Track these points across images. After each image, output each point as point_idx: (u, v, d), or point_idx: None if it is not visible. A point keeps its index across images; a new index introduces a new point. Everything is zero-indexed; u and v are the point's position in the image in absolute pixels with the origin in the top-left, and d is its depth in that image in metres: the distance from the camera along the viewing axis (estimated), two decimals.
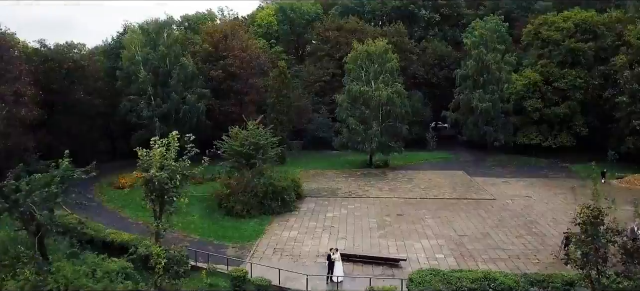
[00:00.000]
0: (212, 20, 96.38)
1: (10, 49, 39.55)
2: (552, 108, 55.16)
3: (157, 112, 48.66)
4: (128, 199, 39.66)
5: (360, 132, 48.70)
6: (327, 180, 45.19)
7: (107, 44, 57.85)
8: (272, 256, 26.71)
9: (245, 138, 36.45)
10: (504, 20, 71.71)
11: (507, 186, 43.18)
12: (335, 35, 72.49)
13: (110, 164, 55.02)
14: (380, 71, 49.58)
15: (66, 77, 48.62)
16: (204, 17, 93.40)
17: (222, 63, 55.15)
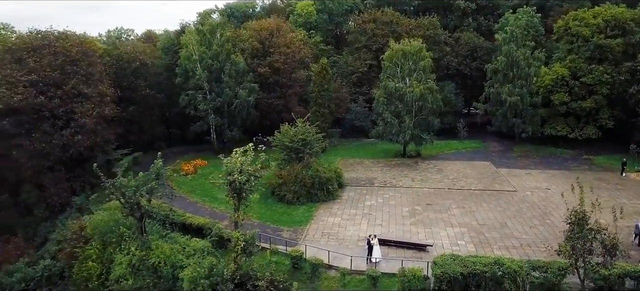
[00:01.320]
0: (254, 9, 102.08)
1: (92, 52, 46.09)
2: (579, 102, 58.34)
3: (212, 106, 54.95)
4: (193, 185, 46.26)
5: (394, 124, 53.67)
6: (365, 170, 50.66)
7: (167, 40, 64.30)
8: (320, 239, 32.61)
9: (294, 134, 42.16)
10: (538, 10, 74.76)
11: (529, 178, 47.58)
12: (372, 27, 76.67)
13: (168, 150, 62.24)
14: (415, 69, 54.06)
15: (133, 74, 55.32)
16: (246, 6, 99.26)
17: (269, 59, 60.82)
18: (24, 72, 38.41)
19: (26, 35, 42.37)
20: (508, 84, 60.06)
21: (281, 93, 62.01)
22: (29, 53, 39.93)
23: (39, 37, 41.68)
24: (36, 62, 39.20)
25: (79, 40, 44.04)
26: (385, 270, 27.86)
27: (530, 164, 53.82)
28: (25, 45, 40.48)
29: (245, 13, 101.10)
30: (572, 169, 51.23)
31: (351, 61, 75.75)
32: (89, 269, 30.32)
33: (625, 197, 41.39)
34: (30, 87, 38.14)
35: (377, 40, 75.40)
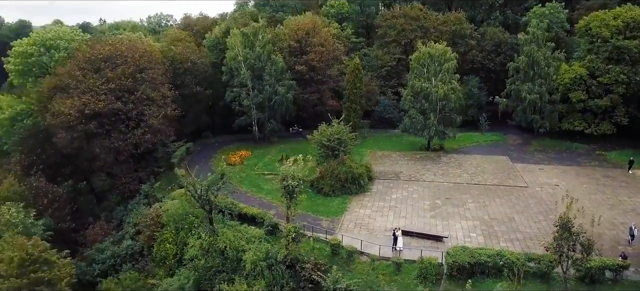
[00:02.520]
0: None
1: (155, 59, 53.15)
2: (596, 100, 62.67)
3: (254, 102, 61.76)
4: (241, 175, 53.39)
5: (420, 120, 59.44)
6: (392, 163, 56.89)
7: (212, 40, 71.01)
8: (353, 229, 39.30)
9: (331, 134, 48.59)
10: (565, 4, 78.42)
11: (541, 173, 52.95)
12: (401, 22, 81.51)
13: (214, 139, 69.76)
14: (440, 70, 59.38)
15: (184, 73, 62.40)
16: None
17: (305, 58, 66.94)
18: (103, 81, 45.76)
19: (100, 45, 49.64)
20: (528, 83, 64.69)
21: (316, 89, 68.20)
22: (106, 63, 47.27)
23: (111, 47, 48.88)
24: (112, 72, 46.51)
25: (144, 49, 51.05)
26: (408, 257, 34.40)
27: (545, 159, 58.99)
28: (102, 55, 47.75)
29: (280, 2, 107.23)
30: (583, 165, 56.24)
31: (381, 55, 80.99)
32: (166, 250, 37.88)
33: (627, 194, 46.51)
34: (109, 94, 45.51)
35: (405, 35, 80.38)
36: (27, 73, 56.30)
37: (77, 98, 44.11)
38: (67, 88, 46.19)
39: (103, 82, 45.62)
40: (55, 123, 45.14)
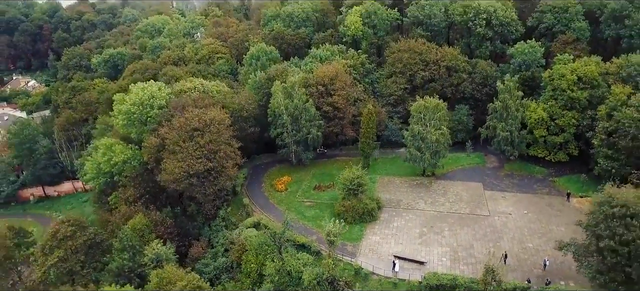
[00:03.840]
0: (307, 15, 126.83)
1: (226, 123, 75.12)
2: (553, 136, 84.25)
3: (293, 139, 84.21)
4: (287, 202, 76.68)
5: (417, 155, 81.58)
6: (395, 189, 79.73)
7: (257, 82, 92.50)
8: (368, 253, 62.72)
9: (352, 179, 71.11)
10: (543, 36, 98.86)
11: (502, 201, 75.42)
12: (406, 56, 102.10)
13: (260, 161, 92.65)
14: (433, 117, 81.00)
15: (241, 119, 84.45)
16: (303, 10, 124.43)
17: (330, 100, 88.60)
18: (197, 148, 68.22)
19: (189, 118, 71.50)
20: (502, 122, 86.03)
21: (338, 123, 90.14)
22: (196, 131, 69.55)
23: (198, 120, 70.80)
24: (202, 139, 68.86)
25: (221, 118, 72.95)
26: (402, 277, 57.79)
27: (510, 185, 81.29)
28: (192, 126, 69.92)
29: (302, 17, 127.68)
30: (536, 192, 78.51)
31: (389, 83, 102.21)
32: (250, 267, 61.57)
33: (556, 223, 69.04)
34: (202, 157, 68.03)
35: (410, 67, 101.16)
36: (129, 125, 78.88)
37: (182, 161, 66.78)
38: (172, 151, 68.80)
39: (197, 148, 68.08)
40: (167, 179, 68.14)
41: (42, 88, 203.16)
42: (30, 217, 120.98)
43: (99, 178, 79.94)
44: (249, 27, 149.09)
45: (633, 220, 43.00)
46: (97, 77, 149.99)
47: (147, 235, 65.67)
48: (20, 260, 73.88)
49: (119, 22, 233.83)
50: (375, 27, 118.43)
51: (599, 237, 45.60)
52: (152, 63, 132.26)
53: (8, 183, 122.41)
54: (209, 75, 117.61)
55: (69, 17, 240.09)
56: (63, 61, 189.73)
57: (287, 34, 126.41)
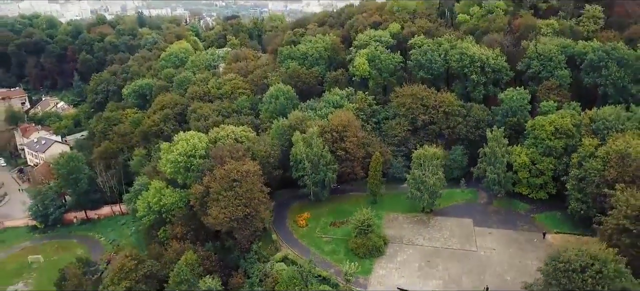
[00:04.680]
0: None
1: (256, 167, 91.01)
2: (534, 178, 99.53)
3: (311, 181, 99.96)
4: (309, 237, 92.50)
5: (418, 195, 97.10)
6: (399, 226, 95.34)
7: (277, 130, 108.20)
8: (377, 285, 78.47)
9: (363, 221, 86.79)
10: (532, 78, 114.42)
11: (488, 237, 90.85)
12: (408, 101, 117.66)
13: (281, 197, 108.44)
14: (431, 164, 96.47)
15: (268, 164, 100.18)
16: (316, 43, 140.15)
17: (343, 145, 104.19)
18: (236, 196, 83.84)
19: (228, 170, 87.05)
20: (491, 165, 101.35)
21: (350, 165, 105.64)
22: (235, 183, 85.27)
23: (237, 172, 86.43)
24: (240, 189, 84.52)
25: (254, 170, 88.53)
26: None
27: (496, 221, 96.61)
28: (231, 177, 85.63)
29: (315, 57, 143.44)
30: (518, 229, 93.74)
31: (394, 125, 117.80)
32: None
33: (531, 258, 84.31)
34: (241, 205, 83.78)
35: (412, 111, 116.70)
36: (176, 173, 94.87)
37: (225, 208, 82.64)
38: (215, 198, 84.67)
39: (236, 197, 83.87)
40: (213, 222, 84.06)
41: (70, 110, 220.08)
42: (75, 238, 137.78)
43: (149, 215, 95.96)
44: (266, 62, 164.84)
45: (573, 274, 58.45)
46: (127, 107, 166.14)
47: (196, 268, 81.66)
48: (87, 288, 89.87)
49: (140, 44, 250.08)
50: (380, 69, 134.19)
51: (550, 284, 61.12)
52: (180, 97, 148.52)
53: (55, 207, 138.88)
54: (232, 112, 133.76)
55: (92, 39, 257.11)
56: (91, 86, 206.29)
57: (302, 72, 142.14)
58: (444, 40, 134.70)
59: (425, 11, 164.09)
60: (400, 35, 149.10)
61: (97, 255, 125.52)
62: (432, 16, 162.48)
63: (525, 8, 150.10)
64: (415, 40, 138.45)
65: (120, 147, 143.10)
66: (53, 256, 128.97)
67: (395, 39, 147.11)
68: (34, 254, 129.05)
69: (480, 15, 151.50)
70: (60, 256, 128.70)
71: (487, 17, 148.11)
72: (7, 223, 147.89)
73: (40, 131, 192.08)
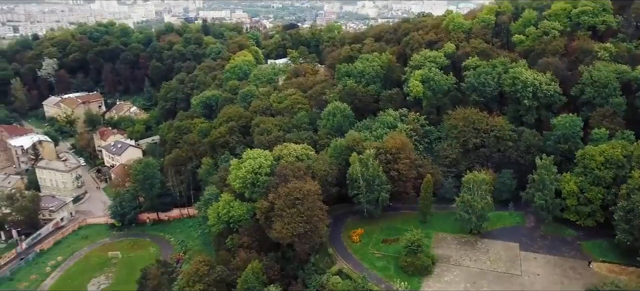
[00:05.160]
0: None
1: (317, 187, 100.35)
2: (581, 206, 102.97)
3: (366, 199, 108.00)
4: (361, 252, 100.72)
5: (466, 218, 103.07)
6: (447, 246, 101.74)
7: (334, 150, 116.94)
8: None
9: (413, 241, 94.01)
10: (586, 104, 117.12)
11: (533, 262, 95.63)
12: (461, 124, 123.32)
13: (337, 211, 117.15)
14: (480, 188, 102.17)
15: (327, 184, 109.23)
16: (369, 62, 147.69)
17: (396, 166, 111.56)
18: (298, 214, 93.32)
19: (291, 189, 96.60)
20: (539, 192, 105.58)
21: (402, 185, 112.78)
22: (297, 200, 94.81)
23: (299, 190, 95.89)
24: (302, 206, 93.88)
25: (316, 189, 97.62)
26: None
27: (543, 247, 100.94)
28: (293, 196, 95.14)
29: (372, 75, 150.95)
30: (563, 255, 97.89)
31: (445, 147, 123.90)
32: None
33: (575, 286, 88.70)
34: (302, 221, 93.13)
35: (464, 134, 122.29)
36: (243, 188, 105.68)
37: (288, 224, 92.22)
38: (279, 214, 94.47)
39: (298, 214, 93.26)
40: (277, 236, 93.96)
41: (142, 115, 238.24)
42: (148, 237, 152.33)
43: (218, 224, 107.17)
44: (324, 78, 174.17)
45: None
46: (195, 116, 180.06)
47: (260, 276, 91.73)
48: (165, 288, 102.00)
49: (205, 52, 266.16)
50: (434, 90, 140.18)
51: None
52: (244, 111, 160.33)
53: (131, 208, 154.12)
54: (292, 127, 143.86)
55: (162, 47, 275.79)
56: (161, 93, 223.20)
57: (359, 90, 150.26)
58: (497, 63, 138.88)
59: (480, 30, 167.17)
60: (455, 55, 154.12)
61: (167, 254, 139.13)
62: (487, 35, 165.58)
63: (583, 29, 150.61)
64: (470, 61, 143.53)
65: (189, 155, 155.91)
66: (129, 253, 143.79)
67: (450, 58, 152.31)
68: (113, 250, 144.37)
69: (536, 36, 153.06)
70: (135, 253, 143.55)
71: (543, 39, 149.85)
72: (89, 220, 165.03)
73: (116, 134, 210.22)
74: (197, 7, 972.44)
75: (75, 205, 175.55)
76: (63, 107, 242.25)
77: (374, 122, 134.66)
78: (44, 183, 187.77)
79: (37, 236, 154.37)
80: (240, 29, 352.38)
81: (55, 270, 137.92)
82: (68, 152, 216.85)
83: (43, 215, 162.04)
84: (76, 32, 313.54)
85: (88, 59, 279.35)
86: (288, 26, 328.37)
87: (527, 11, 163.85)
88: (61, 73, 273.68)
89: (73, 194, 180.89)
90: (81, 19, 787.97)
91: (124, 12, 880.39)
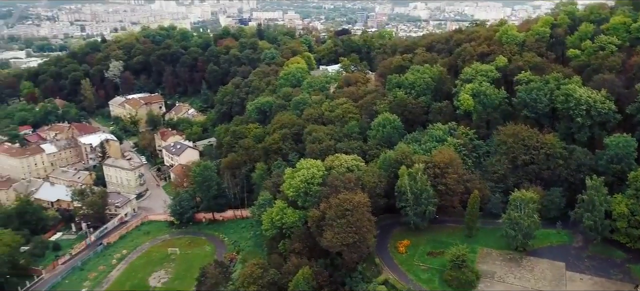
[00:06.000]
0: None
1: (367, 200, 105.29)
2: (632, 229, 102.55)
3: (413, 212, 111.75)
4: (407, 264, 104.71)
5: (512, 234, 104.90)
6: (492, 262, 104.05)
7: (384, 162, 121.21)
8: None
9: (458, 257, 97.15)
10: None
11: (579, 282, 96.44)
12: (510, 141, 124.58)
13: (385, 224, 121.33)
14: (527, 207, 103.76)
15: (376, 196, 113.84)
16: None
17: (444, 181, 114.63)
18: (348, 224, 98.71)
19: (342, 200, 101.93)
20: (588, 212, 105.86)
21: (449, 199, 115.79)
22: (347, 212, 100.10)
23: (348, 202, 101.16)
24: (352, 217, 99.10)
25: (364, 201, 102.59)
26: None
27: (590, 267, 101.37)
28: (345, 207, 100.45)
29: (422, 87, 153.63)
30: (610, 277, 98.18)
31: (494, 162, 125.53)
32: None
33: None
34: (351, 232, 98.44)
35: (513, 150, 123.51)
36: (296, 196, 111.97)
37: (338, 234, 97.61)
38: (330, 224, 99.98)
39: (348, 225, 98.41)
40: (327, 245, 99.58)
41: (198, 117, 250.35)
42: (203, 236, 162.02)
43: (272, 229, 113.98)
44: (375, 88, 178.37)
45: None
46: (250, 121, 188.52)
47: (310, 282, 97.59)
48: (222, 287, 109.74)
49: (260, 57, 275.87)
50: (484, 104, 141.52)
51: None
52: (297, 119, 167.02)
53: (189, 208, 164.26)
54: (343, 137, 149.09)
55: (218, 51, 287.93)
56: (218, 97, 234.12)
57: (409, 102, 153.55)
58: (550, 78, 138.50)
59: (534, 43, 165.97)
60: (507, 69, 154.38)
61: (222, 253, 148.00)
62: (541, 49, 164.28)
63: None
64: (522, 76, 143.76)
65: (244, 159, 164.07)
66: (186, 250, 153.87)
67: (501, 72, 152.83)
68: (172, 246, 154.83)
69: (592, 51, 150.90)
70: (192, 251, 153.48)
71: (599, 54, 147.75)
72: (151, 216, 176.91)
73: (175, 135, 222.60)
74: (250, 8, 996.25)
75: (138, 201, 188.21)
76: (127, 108, 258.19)
77: (423, 134, 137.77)
78: (109, 180, 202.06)
79: (104, 229, 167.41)
80: (293, 33, 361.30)
81: (121, 262, 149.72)
82: (131, 150, 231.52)
83: (109, 210, 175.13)
84: (140, 36, 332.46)
85: (151, 62, 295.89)
86: (340, 32, 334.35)
87: (584, 24, 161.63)
88: (126, 74, 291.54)
89: (136, 191, 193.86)
90: (142, 18, 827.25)
91: (182, 13, 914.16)
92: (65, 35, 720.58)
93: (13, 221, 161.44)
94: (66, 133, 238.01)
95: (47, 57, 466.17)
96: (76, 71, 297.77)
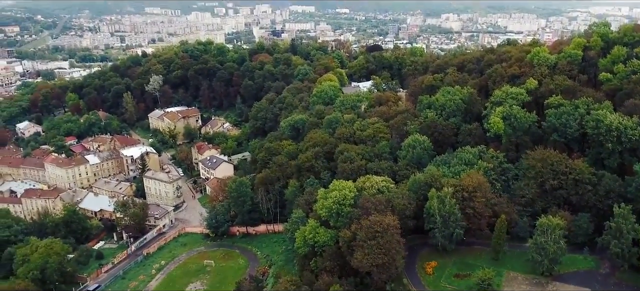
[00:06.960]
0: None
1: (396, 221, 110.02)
2: None
3: (441, 234, 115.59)
4: (434, 285, 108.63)
5: (538, 259, 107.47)
6: (517, 286, 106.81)
7: (413, 184, 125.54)
8: None
9: (484, 279, 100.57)
10: None
11: None
12: (539, 165, 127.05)
13: (413, 245, 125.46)
14: (553, 231, 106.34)
15: (405, 217, 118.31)
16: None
17: (472, 204, 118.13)
18: (378, 246, 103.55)
19: (372, 222, 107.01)
20: (615, 240, 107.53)
21: (477, 222, 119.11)
22: (377, 234, 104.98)
23: (378, 224, 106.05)
24: (382, 239, 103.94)
25: (394, 223, 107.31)
26: None
27: None
28: (375, 229, 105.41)
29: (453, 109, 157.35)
30: None
31: (522, 186, 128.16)
32: None
33: None
34: (380, 254, 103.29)
35: (541, 175, 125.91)
36: (328, 217, 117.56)
37: (368, 254, 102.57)
38: (360, 245, 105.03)
39: (377, 246, 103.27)
40: (358, 265, 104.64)
41: (233, 131, 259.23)
42: (237, 249, 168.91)
43: (304, 247, 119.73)
44: (406, 108, 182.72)
45: None
46: (283, 138, 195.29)
47: None
48: None
49: (293, 73, 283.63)
50: (514, 127, 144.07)
51: None
52: (330, 138, 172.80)
53: (224, 221, 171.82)
54: (374, 156, 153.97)
55: (253, 67, 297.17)
56: (252, 112, 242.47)
57: (439, 123, 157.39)
58: (580, 103, 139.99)
59: (566, 65, 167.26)
60: (538, 92, 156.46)
61: (254, 266, 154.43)
62: (573, 71, 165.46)
63: None
64: (552, 100, 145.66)
65: (277, 176, 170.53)
66: (221, 263, 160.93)
67: (532, 95, 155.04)
68: (208, 259, 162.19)
69: (625, 75, 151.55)
70: (226, 263, 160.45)
71: (632, 78, 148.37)
72: (188, 229, 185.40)
73: (211, 149, 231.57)
74: (283, 19, 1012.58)
75: (175, 213, 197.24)
76: (166, 121, 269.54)
77: (452, 156, 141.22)
78: (149, 191, 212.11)
79: (143, 240, 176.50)
80: (325, 48, 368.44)
81: (159, 273, 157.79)
82: (169, 163, 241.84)
83: (149, 221, 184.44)
84: (179, 50, 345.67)
85: (188, 76, 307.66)
86: (371, 47, 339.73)
87: (617, 48, 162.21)
88: (165, 88, 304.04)
89: (173, 203, 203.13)
90: (178, 29, 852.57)
91: (217, 24, 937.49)
92: (106, 45, 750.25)
93: (61, 230, 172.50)
94: (108, 144, 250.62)
95: (89, 67, 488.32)
96: (118, 84, 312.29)
